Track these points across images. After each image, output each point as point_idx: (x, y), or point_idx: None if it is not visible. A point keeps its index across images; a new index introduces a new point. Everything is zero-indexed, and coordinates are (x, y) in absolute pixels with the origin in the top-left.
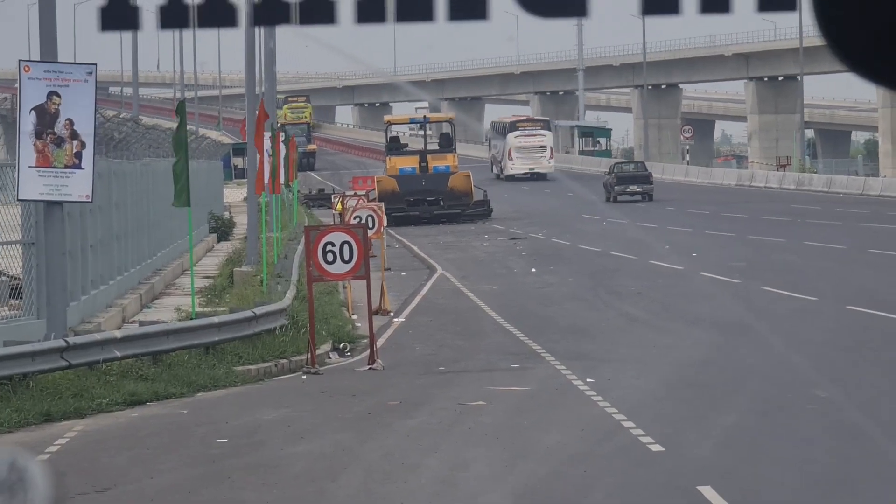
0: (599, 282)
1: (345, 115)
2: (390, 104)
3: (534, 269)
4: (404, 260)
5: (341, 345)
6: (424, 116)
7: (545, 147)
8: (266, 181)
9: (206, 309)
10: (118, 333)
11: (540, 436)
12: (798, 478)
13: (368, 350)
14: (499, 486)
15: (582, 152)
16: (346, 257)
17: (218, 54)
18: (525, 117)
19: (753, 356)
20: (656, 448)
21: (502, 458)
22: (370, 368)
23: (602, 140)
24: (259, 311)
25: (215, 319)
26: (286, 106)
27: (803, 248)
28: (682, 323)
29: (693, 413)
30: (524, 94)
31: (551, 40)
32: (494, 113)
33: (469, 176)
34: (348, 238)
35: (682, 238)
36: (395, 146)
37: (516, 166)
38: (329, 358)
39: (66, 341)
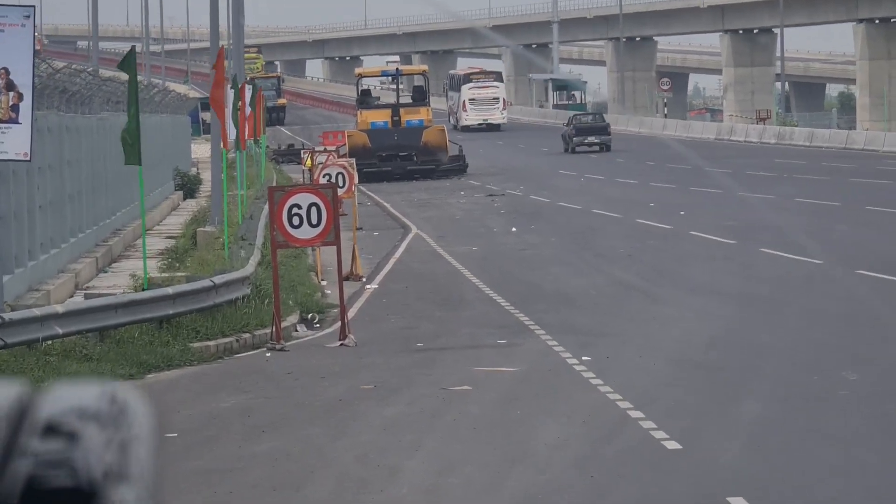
0: (585, 243)
1: (315, 69)
2: (361, 58)
3: (514, 229)
4: (377, 219)
5: (310, 315)
6: (397, 69)
7: (498, 99)
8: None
9: (164, 275)
10: (59, 308)
11: (536, 430)
12: (846, 487)
13: (339, 323)
14: (494, 497)
15: (556, 106)
16: (314, 221)
17: (186, 6)
18: (479, 69)
19: (766, 331)
20: (673, 446)
21: (495, 460)
22: (341, 344)
23: (577, 93)
24: (219, 279)
25: (169, 290)
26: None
27: (795, 205)
28: (681, 290)
29: (709, 401)
30: (497, 48)
31: None
32: (464, 65)
33: (444, 130)
34: (316, 200)
35: (667, 195)
36: (366, 100)
37: (470, 117)
38: (296, 331)
39: (2, 317)
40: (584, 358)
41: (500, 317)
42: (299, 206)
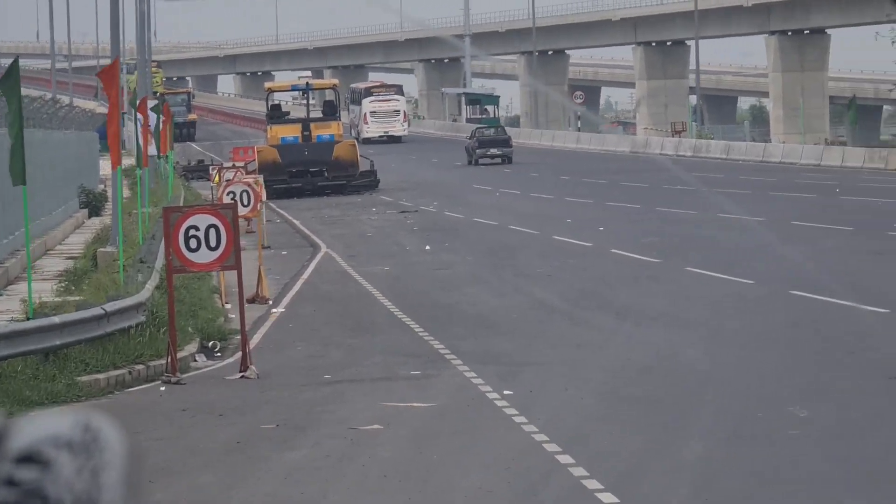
0: (502, 261)
1: (227, 84)
2: (272, 73)
3: (428, 247)
4: (286, 237)
5: (210, 343)
6: (307, 83)
7: (399, 111)
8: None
9: (58, 299)
10: None
11: (455, 478)
12: None
13: (241, 353)
14: None
15: (469, 120)
16: (213, 244)
17: (96, 22)
18: (380, 83)
19: (702, 358)
20: (609, 500)
21: None
22: (242, 377)
23: (490, 107)
24: (111, 307)
25: (56, 319)
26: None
27: (718, 220)
28: (607, 313)
29: (646, 442)
30: (408, 62)
31: (436, 6)
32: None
33: (355, 145)
34: (215, 221)
35: (584, 210)
36: (276, 114)
37: (372, 130)
38: (195, 361)
39: None
40: (505, 392)
41: (413, 344)
42: (197, 228)
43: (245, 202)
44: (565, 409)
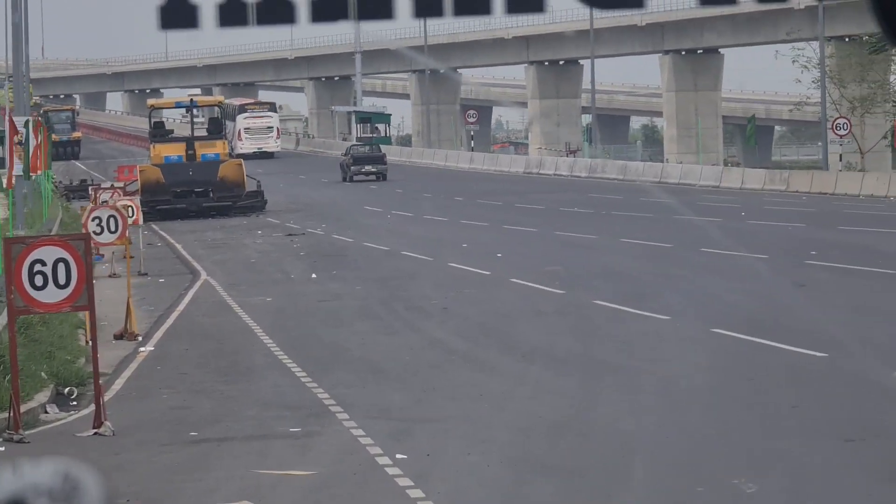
0: (394, 292)
1: (116, 102)
2: (161, 90)
3: (314, 275)
4: (165, 262)
5: (66, 390)
6: (191, 100)
7: (272, 128)
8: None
9: None
10: None
11: None
12: None
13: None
14: None
15: (360, 138)
16: (62, 281)
17: None
18: (253, 101)
19: (624, 415)
20: None
21: None
22: (95, 433)
23: (381, 126)
24: None
25: None
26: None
27: (623, 246)
28: (510, 355)
29: None
30: (299, 80)
31: (325, 24)
32: (269, 99)
33: (241, 164)
34: (64, 254)
35: (479, 234)
36: (159, 132)
37: (245, 146)
38: (45, 412)
39: None
40: (398, 455)
41: (294, 392)
42: (43, 263)
43: (112, 229)
44: (468, 479)
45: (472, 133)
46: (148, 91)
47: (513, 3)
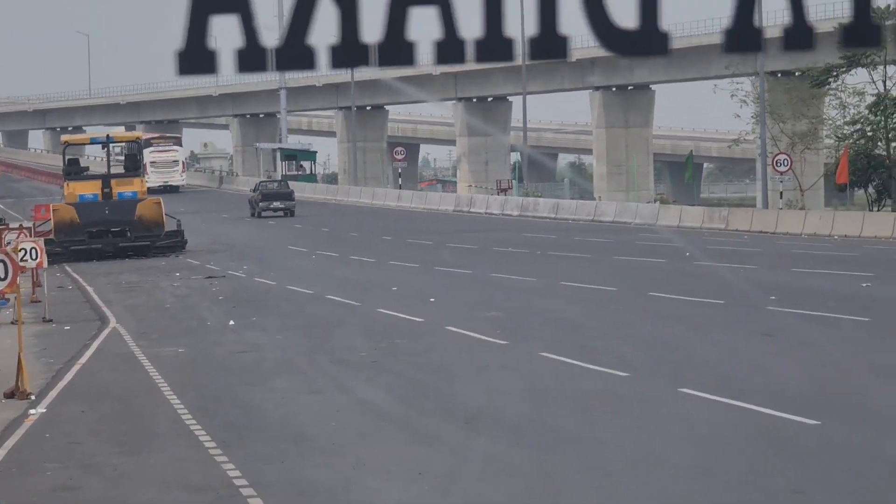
0: (319, 342)
1: (38, 139)
2: (84, 128)
3: (232, 322)
4: (73, 307)
5: None
6: (107, 136)
7: (177, 161)
8: None
9: None
10: None
11: None
12: None
13: None
14: None
15: (285, 176)
16: None
17: None
18: (158, 135)
19: (593, 501)
20: None
21: None
22: None
23: (306, 163)
24: None
25: None
26: None
27: (564, 290)
28: (453, 421)
29: None
30: (224, 118)
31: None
32: (192, 137)
33: (160, 203)
34: None
35: (410, 276)
36: (73, 170)
37: (151, 179)
38: None
39: None
40: None
41: (200, 469)
42: None
43: (2, 275)
44: None
45: (399, 170)
46: (70, 129)
47: (537, 50)
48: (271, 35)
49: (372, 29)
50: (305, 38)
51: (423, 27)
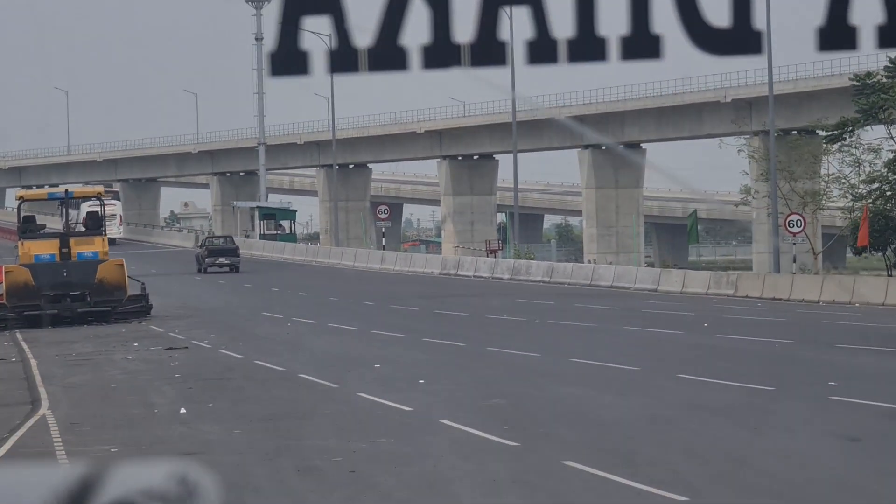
0: (284, 439)
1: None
2: (61, 185)
3: (183, 410)
4: (7, 385)
5: None
6: (66, 191)
7: (115, 215)
8: None
9: None
10: None
11: None
12: None
13: None
14: None
15: (263, 236)
16: None
17: None
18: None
19: None
20: None
21: None
22: None
23: (286, 222)
24: None
25: None
26: None
27: (576, 370)
28: None
29: None
30: (203, 176)
31: (231, 118)
32: (172, 196)
33: (122, 264)
34: None
35: (394, 348)
36: (29, 227)
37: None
38: None
39: None
40: None
41: None
42: None
43: None
44: None
45: (383, 230)
46: (46, 187)
47: (628, 51)
48: (363, 36)
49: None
50: (397, 39)
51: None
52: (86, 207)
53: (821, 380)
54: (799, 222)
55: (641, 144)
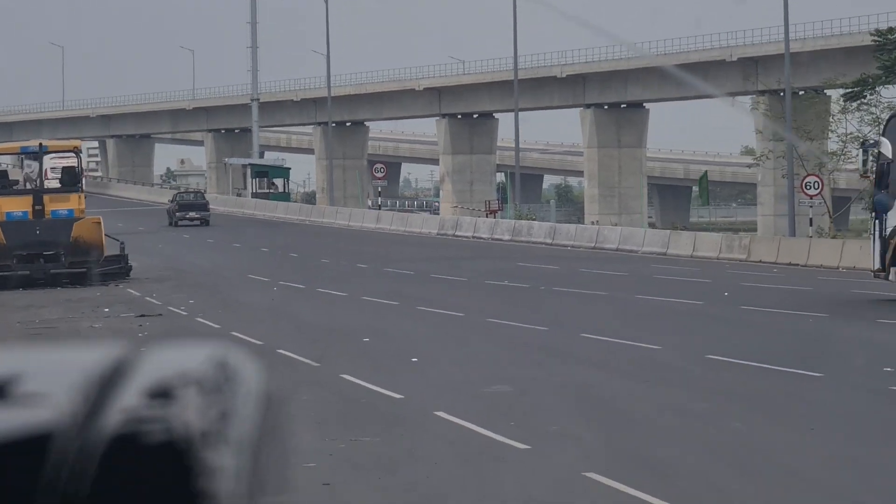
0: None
1: None
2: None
3: None
4: None
5: None
6: (40, 144)
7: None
8: None
9: None
10: None
11: None
12: None
13: None
14: None
15: (255, 194)
16: None
17: None
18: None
19: None
20: None
21: None
22: None
23: (279, 181)
24: None
25: None
26: None
27: (588, 348)
28: None
29: None
30: (198, 132)
31: (227, 74)
32: (169, 153)
33: (100, 223)
34: None
35: (387, 318)
36: (1, 183)
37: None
38: None
39: None
40: None
41: None
42: None
43: None
44: None
45: (379, 189)
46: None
47: None
48: None
49: None
50: None
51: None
52: (48, 161)
53: (873, 364)
54: (816, 184)
55: (644, 104)
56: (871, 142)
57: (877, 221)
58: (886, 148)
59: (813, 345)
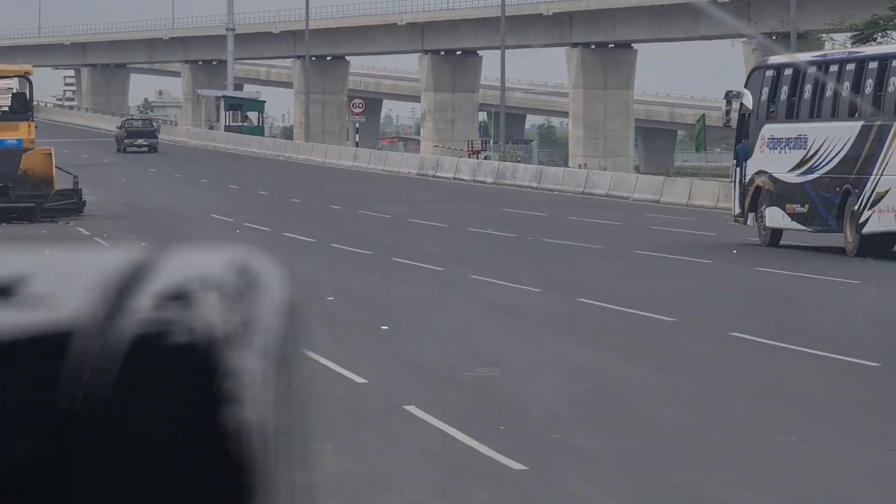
0: None
1: None
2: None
3: None
4: None
5: None
6: None
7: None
8: None
9: None
10: None
11: None
12: None
13: None
14: None
15: (228, 128)
16: None
17: None
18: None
19: None
20: None
21: None
22: None
23: (253, 114)
24: None
25: None
26: None
27: (588, 317)
28: None
29: None
30: (175, 63)
31: (206, 4)
32: (145, 83)
33: (51, 154)
34: None
35: (357, 271)
36: None
37: None
38: None
39: None
40: None
41: None
42: None
43: None
44: None
45: (357, 125)
46: None
47: None
48: None
49: None
50: None
51: None
52: None
53: None
54: None
55: (633, 45)
56: (735, 93)
57: (738, 169)
58: (748, 99)
59: (850, 322)
